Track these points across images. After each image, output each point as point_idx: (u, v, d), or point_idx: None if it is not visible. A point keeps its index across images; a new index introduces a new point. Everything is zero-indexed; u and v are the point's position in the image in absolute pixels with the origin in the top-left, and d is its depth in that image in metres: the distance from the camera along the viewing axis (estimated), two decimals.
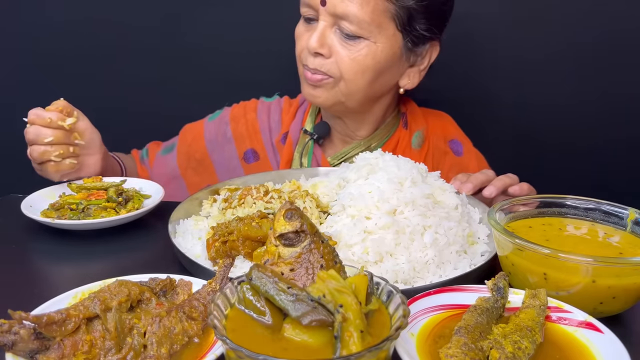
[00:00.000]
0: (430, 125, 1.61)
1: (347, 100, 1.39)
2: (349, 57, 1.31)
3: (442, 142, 1.61)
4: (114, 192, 1.19)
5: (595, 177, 1.90)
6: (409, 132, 1.57)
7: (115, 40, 1.94)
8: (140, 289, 0.77)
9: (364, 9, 1.26)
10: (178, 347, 0.70)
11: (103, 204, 1.16)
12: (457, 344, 0.65)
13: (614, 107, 1.86)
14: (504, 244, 0.88)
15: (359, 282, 0.65)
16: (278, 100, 1.65)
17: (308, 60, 1.35)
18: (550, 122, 1.91)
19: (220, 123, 1.62)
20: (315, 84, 1.37)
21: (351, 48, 1.31)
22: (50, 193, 1.25)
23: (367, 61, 1.32)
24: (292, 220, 0.72)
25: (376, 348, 0.55)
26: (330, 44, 1.32)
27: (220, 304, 0.64)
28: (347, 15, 1.27)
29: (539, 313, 0.74)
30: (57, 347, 0.67)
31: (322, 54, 1.33)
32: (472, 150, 1.62)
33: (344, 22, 1.28)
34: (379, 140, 1.54)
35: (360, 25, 1.27)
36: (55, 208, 1.16)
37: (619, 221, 0.95)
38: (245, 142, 1.59)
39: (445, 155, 1.60)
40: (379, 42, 1.31)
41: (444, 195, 1.08)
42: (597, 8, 1.77)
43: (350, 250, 0.93)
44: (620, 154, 1.90)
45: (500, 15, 1.83)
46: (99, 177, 1.28)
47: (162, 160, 1.66)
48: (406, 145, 1.55)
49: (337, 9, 1.27)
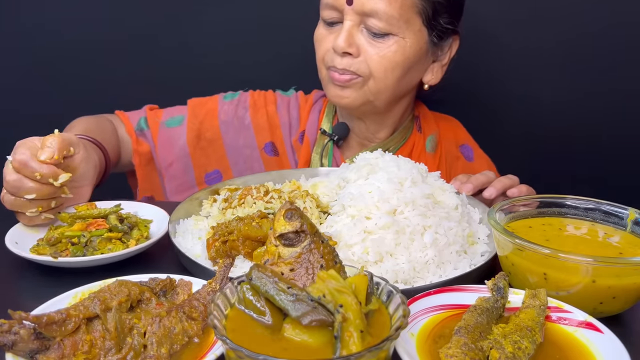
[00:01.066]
0: (441, 129, 1.61)
1: (376, 99, 1.38)
2: (378, 55, 1.31)
3: (453, 146, 1.61)
4: (115, 219, 1.05)
5: (596, 176, 1.90)
6: (423, 135, 1.57)
7: (115, 40, 1.93)
8: (140, 289, 0.77)
9: (392, 4, 1.27)
10: (178, 347, 0.70)
11: (106, 235, 1.01)
12: (457, 344, 0.65)
13: (618, 105, 1.86)
14: (504, 244, 0.88)
15: (359, 282, 0.65)
16: (295, 96, 1.62)
17: (335, 61, 1.34)
18: (552, 122, 1.91)
19: (239, 106, 1.57)
20: (343, 85, 1.35)
21: (380, 45, 1.31)
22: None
23: (397, 58, 1.32)
24: (292, 220, 0.72)
25: (376, 348, 0.55)
26: (358, 43, 1.32)
27: (220, 304, 0.64)
28: (376, 12, 1.27)
29: (539, 313, 0.74)
30: (57, 347, 0.67)
31: (351, 54, 1.32)
32: (483, 156, 1.63)
33: (372, 20, 1.28)
34: (396, 144, 1.53)
35: (389, 21, 1.27)
36: (51, 243, 0.99)
37: (619, 221, 0.95)
38: (264, 134, 1.55)
39: (458, 160, 1.60)
40: (407, 38, 1.31)
41: (444, 196, 1.08)
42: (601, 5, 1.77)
43: (350, 250, 0.93)
44: (622, 153, 1.89)
45: (500, 13, 1.83)
46: (92, 204, 1.11)
47: (168, 133, 1.53)
48: (421, 149, 1.55)
49: (365, 7, 1.27)
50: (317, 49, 1.42)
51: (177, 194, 1.55)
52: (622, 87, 1.83)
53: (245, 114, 1.55)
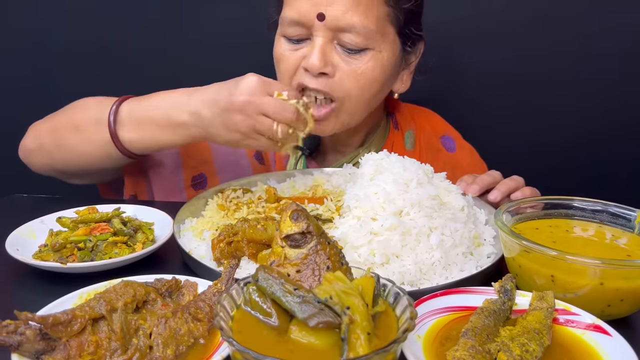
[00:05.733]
0: (417, 122, 1.56)
1: (352, 120, 1.31)
2: (355, 72, 1.22)
3: (433, 138, 1.56)
4: (118, 223, 1.04)
5: (602, 178, 1.89)
6: (401, 132, 1.52)
7: (113, 40, 1.94)
8: (146, 290, 0.77)
9: (368, 17, 1.18)
10: (184, 349, 0.70)
11: (111, 239, 1.01)
12: (464, 346, 0.65)
13: (624, 106, 1.85)
14: (511, 246, 0.87)
15: (366, 284, 0.64)
16: None
17: (307, 82, 1.22)
18: (555, 123, 1.91)
19: None
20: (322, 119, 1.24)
21: (356, 62, 1.21)
22: (28, 231, 1.06)
23: (375, 73, 1.24)
24: (298, 221, 0.72)
25: (383, 350, 0.55)
26: (333, 61, 1.21)
27: (227, 305, 0.64)
28: (352, 27, 1.17)
29: (547, 315, 0.73)
30: (63, 348, 0.67)
31: (327, 73, 1.21)
32: (465, 146, 1.58)
33: (348, 35, 1.18)
34: (377, 146, 1.47)
35: (367, 35, 1.18)
36: (55, 249, 0.98)
37: (627, 223, 0.95)
38: None
39: (439, 152, 1.55)
40: (384, 51, 1.23)
41: (450, 197, 1.08)
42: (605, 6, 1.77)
43: (356, 252, 0.92)
44: (629, 155, 1.89)
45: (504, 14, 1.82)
46: (93, 208, 1.10)
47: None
48: (401, 147, 1.50)
49: (339, 22, 1.17)
50: (280, 68, 1.29)
51: (163, 193, 1.44)
52: (630, 88, 1.83)
53: None
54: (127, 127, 1.18)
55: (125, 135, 1.19)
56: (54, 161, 1.30)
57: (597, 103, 1.86)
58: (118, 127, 1.18)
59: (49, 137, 1.28)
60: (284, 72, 1.28)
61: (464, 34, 1.83)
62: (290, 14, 1.22)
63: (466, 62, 1.86)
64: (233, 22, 1.90)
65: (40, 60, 1.96)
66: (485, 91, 1.91)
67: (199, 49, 1.94)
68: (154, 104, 1.18)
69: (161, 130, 1.16)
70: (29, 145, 1.31)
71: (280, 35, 1.28)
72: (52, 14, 1.91)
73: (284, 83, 1.28)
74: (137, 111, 1.19)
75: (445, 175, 1.14)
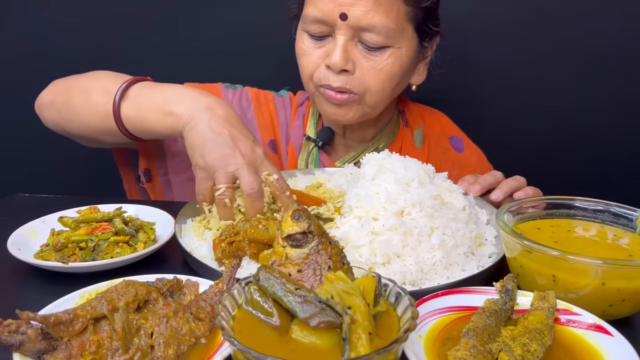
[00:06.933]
0: (427, 122, 1.59)
1: (373, 111, 1.37)
2: (375, 69, 1.27)
3: (442, 139, 1.59)
4: (120, 222, 1.05)
5: (603, 178, 1.89)
6: (410, 130, 1.56)
7: (114, 40, 1.94)
8: (147, 289, 0.77)
9: (389, 17, 1.22)
10: (185, 348, 0.69)
11: (113, 238, 1.01)
12: (465, 346, 0.65)
13: (626, 107, 1.85)
14: (512, 246, 0.87)
15: (367, 284, 0.64)
16: (288, 98, 1.59)
17: (330, 80, 1.28)
18: (555, 123, 1.90)
19: (242, 98, 1.53)
20: (341, 103, 1.31)
21: (376, 59, 1.27)
22: (30, 230, 1.06)
23: (395, 69, 1.29)
24: (299, 221, 0.72)
25: (384, 350, 0.55)
26: (354, 58, 1.27)
27: (228, 305, 0.64)
28: (374, 27, 1.22)
29: (548, 315, 0.73)
30: (65, 348, 0.67)
31: (348, 70, 1.26)
32: (473, 147, 1.61)
33: (369, 34, 1.23)
34: (386, 141, 1.52)
35: (387, 34, 1.23)
36: (57, 249, 0.98)
37: (628, 223, 0.95)
38: (265, 131, 1.52)
39: (447, 152, 1.58)
40: (403, 47, 1.28)
41: (452, 197, 1.08)
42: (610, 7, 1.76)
43: (357, 251, 0.92)
44: (630, 155, 1.88)
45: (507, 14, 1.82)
46: (95, 207, 1.10)
47: None
48: (410, 144, 1.53)
49: (361, 22, 1.22)
50: (302, 63, 1.35)
51: (177, 169, 1.46)
52: (633, 89, 1.82)
53: (249, 107, 1.52)
54: (129, 102, 1.18)
55: (124, 110, 1.18)
56: (62, 119, 1.31)
57: (598, 103, 1.86)
58: (123, 101, 1.18)
59: (62, 95, 1.30)
60: (306, 67, 1.33)
61: (465, 33, 1.83)
62: (314, 13, 1.26)
63: (467, 62, 1.86)
64: (236, 25, 1.90)
65: (41, 60, 1.96)
66: (486, 91, 1.91)
67: (202, 51, 1.94)
68: (164, 89, 1.18)
69: (153, 112, 1.15)
70: (44, 99, 1.34)
71: (302, 30, 1.33)
72: (52, 14, 1.91)
73: (305, 77, 1.35)
74: (146, 92, 1.19)
75: (447, 175, 1.14)
